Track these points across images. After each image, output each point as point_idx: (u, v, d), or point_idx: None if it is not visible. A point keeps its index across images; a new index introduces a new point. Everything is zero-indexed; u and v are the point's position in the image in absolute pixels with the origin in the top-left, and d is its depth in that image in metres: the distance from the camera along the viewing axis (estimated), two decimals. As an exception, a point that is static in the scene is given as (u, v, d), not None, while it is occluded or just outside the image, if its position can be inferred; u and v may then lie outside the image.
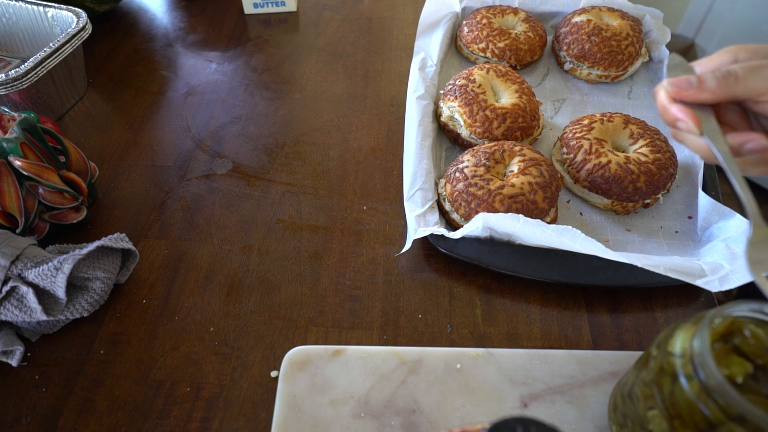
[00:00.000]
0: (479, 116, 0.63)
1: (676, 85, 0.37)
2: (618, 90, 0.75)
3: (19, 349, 0.49)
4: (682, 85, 0.37)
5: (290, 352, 0.48)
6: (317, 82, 0.78)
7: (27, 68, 0.61)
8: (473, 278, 0.55)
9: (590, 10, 0.77)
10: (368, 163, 0.66)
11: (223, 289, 0.54)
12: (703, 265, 0.51)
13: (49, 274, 0.48)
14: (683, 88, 0.37)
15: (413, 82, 0.70)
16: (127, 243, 0.53)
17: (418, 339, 0.51)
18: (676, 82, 0.37)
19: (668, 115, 0.39)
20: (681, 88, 0.37)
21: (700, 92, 0.36)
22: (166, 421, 0.46)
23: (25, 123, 0.53)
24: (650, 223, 0.60)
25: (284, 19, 0.89)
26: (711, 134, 0.37)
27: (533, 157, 0.57)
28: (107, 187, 0.64)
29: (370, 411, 0.44)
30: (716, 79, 0.36)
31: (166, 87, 0.77)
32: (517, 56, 0.75)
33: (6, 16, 0.73)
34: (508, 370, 0.47)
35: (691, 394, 0.33)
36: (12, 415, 0.46)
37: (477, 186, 0.55)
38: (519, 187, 0.55)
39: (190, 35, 0.86)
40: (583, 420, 0.44)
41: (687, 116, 0.37)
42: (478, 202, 0.55)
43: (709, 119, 0.37)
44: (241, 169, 0.66)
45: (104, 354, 0.50)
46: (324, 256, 0.57)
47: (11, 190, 0.52)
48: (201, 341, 0.51)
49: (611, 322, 0.52)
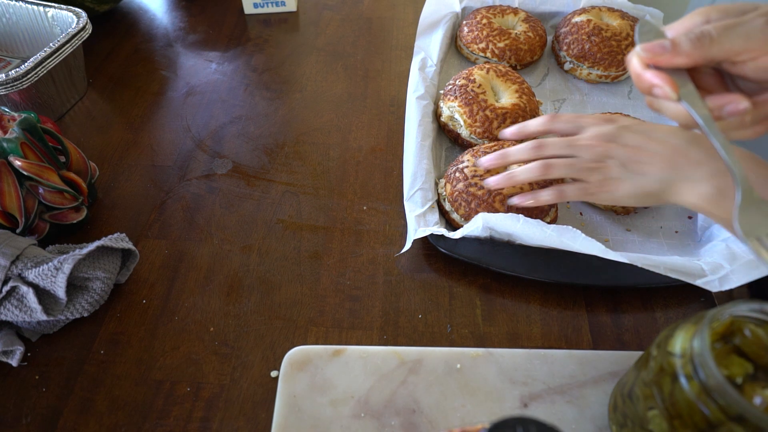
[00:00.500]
0: (479, 116, 0.63)
1: (649, 50, 0.36)
2: (618, 90, 0.75)
3: (19, 349, 0.49)
4: (655, 50, 0.35)
5: (290, 352, 0.48)
6: (317, 82, 0.78)
7: (27, 68, 0.61)
8: (473, 278, 0.55)
9: (590, 10, 0.77)
10: (368, 163, 0.66)
11: (223, 289, 0.54)
12: (703, 265, 0.51)
13: (49, 274, 0.48)
14: (657, 53, 0.35)
15: (413, 82, 0.70)
16: (127, 243, 0.53)
17: (418, 339, 0.51)
18: (649, 48, 0.36)
19: (643, 81, 0.37)
20: (655, 53, 0.35)
21: (675, 56, 0.35)
22: (166, 421, 0.46)
23: (25, 123, 0.53)
24: (650, 223, 0.60)
25: (284, 19, 0.89)
26: (689, 98, 0.35)
27: None
28: (107, 187, 0.64)
29: (370, 411, 0.44)
30: (690, 41, 0.34)
31: (166, 87, 0.77)
32: (517, 56, 0.75)
33: (6, 16, 0.73)
34: (508, 370, 0.47)
35: (691, 395, 0.33)
36: (12, 415, 0.46)
37: (477, 186, 0.55)
38: (519, 187, 0.55)
39: (190, 35, 0.86)
40: (583, 420, 0.44)
41: (663, 81, 0.35)
42: (479, 202, 0.55)
43: (686, 83, 0.36)
44: (241, 169, 0.66)
45: (104, 354, 0.50)
46: (324, 256, 0.57)
47: (11, 190, 0.52)
48: (201, 341, 0.51)
49: (611, 322, 0.52)
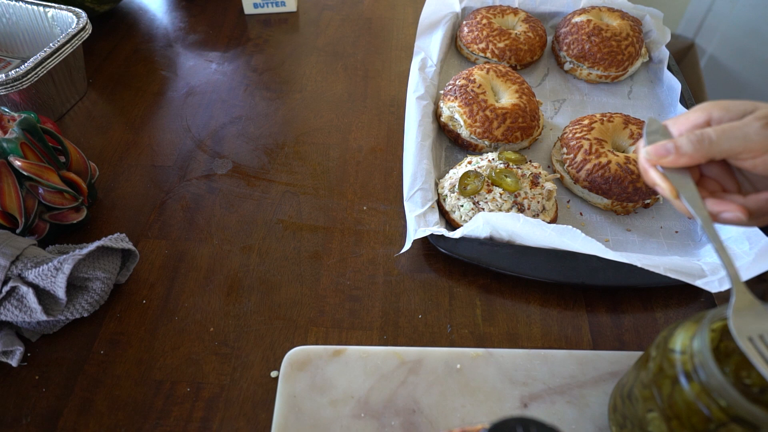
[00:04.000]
0: (479, 116, 0.63)
1: (654, 153, 0.38)
2: (618, 90, 0.75)
3: (19, 350, 0.49)
4: (660, 153, 0.38)
5: (290, 353, 0.48)
6: (317, 82, 0.78)
7: (27, 68, 0.61)
8: (473, 278, 0.55)
9: (590, 10, 0.77)
10: (368, 163, 0.66)
11: (223, 290, 0.54)
12: (703, 266, 0.51)
13: (49, 274, 0.48)
14: (661, 155, 0.38)
15: (413, 82, 0.70)
16: (127, 243, 0.53)
17: (418, 339, 0.51)
18: (654, 151, 0.38)
19: (648, 178, 0.40)
20: (659, 155, 0.38)
21: (678, 158, 0.37)
22: (166, 421, 0.46)
23: (25, 123, 0.53)
24: (650, 223, 0.60)
25: (284, 19, 0.89)
26: (690, 199, 0.37)
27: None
28: (107, 187, 0.64)
29: (370, 411, 0.44)
30: (691, 143, 0.37)
31: (166, 87, 0.77)
32: (517, 56, 0.75)
33: (6, 16, 0.73)
34: (508, 370, 0.47)
35: (691, 395, 0.33)
36: (12, 416, 0.46)
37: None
38: None
39: (190, 35, 0.86)
40: (582, 420, 0.44)
41: (663, 183, 0.38)
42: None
43: (687, 183, 0.38)
44: (241, 169, 0.66)
45: (104, 354, 0.50)
46: (324, 257, 0.57)
47: (11, 190, 0.52)
48: (201, 341, 0.50)
49: (611, 322, 0.52)
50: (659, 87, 0.75)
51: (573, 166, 0.61)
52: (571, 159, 0.61)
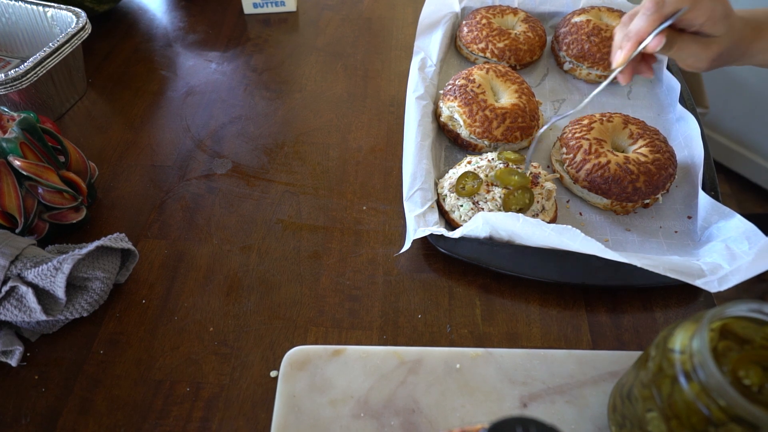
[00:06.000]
0: (479, 116, 0.63)
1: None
2: (618, 90, 0.75)
3: (18, 349, 0.49)
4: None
5: (290, 352, 0.48)
6: (317, 82, 0.78)
7: (27, 68, 0.61)
8: (473, 278, 0.55)
9: (590, 10, 0.77)
10: (368, 163, 0.66)
11: (223, 289, 0.54)
12: (703, 266, 0.51)
13: (49, 274, 0.48)
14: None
15: (413, 82, 0.70)
16: (126, 243, 0.53)
17: (417, 339, 0.51)
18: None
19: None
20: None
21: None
22: (165, 421, 0.46)
23: (25, 123, 0.53)
24: (650, 223, 0.60)
25: (284, 19, 0.89)
26: None
27: None
28: (107, 187, 0.64)
29: (370, 411, 0.44)
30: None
31: (165, 87, 0.77)
32: (516, 56, 0.75)
33: (6, 16, 0.73)
34: (507, 370, 0.47)
35: (690, 395, 0.33)
36: (11, 415, 0.46)
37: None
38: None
39: (189, 35, 0.86)
40: (582, 420, 0.44)
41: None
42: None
43: None
44: (241, 169, 0.66)
45: (104, 354, 0.50)
46: (324, 256, 0.57)
47: (11, 190, 0.52)
48: (201, 341, 0.50)
49: (611, 322, 0.52)
50: (659, 87, 0.75)
51: (572, 166, 0.61)
52: (571, 159, 0.61)
